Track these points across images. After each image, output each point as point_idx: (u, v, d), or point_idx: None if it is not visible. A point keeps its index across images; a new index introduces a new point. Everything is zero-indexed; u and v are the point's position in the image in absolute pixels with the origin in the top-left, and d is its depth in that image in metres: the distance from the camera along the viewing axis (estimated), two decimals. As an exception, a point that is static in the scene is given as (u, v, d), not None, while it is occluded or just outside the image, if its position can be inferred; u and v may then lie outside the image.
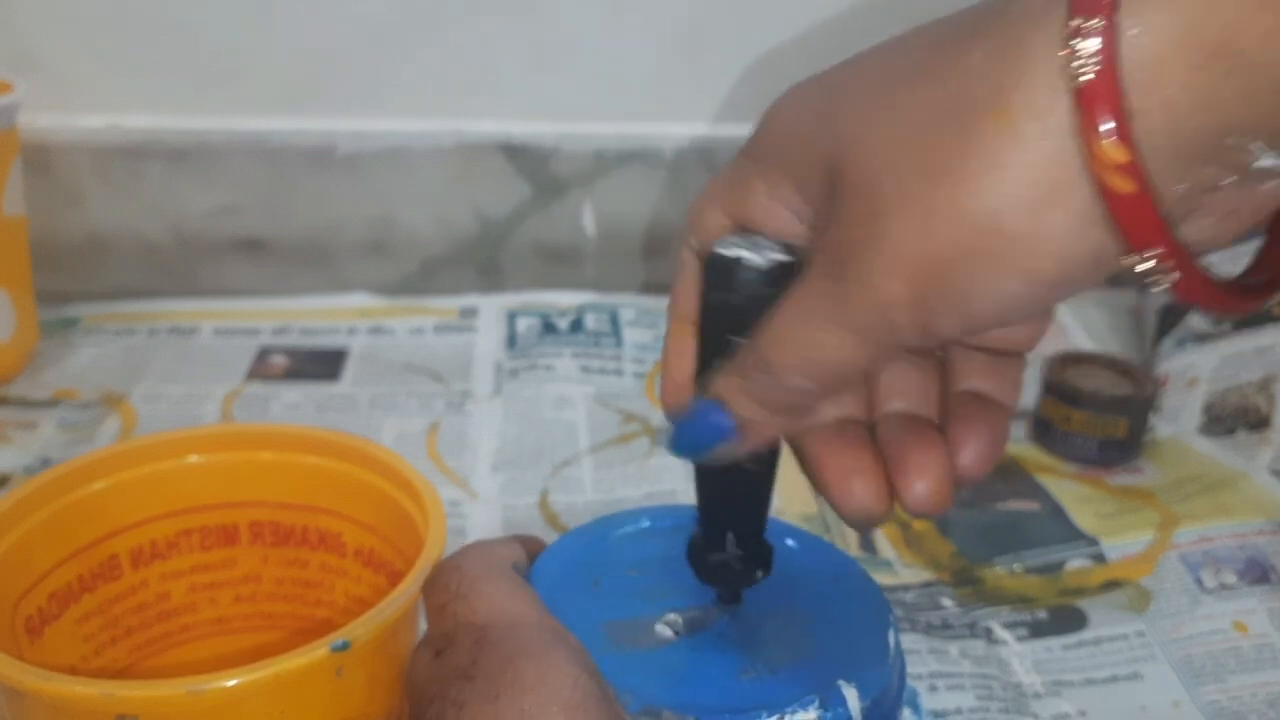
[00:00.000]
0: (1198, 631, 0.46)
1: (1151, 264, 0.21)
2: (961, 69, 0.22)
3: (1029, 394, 0.62)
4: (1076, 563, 0.50)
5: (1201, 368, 0.62)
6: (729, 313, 0.28)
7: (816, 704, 0.29)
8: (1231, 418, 0.59)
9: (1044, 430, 0.59)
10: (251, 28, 0.69)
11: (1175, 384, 0.63)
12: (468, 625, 0.29)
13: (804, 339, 0.26)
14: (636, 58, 0.72)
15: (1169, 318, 0.66)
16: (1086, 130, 0.20)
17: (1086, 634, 0.47)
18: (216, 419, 0.60)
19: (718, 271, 0.28)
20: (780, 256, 0.27)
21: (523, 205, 0.75)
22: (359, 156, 0.72)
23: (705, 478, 0.31)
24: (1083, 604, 0.48)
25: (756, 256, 0.27)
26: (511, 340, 0.69)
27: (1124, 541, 0.51)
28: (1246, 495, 0.54)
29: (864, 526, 0.29)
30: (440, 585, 0.31)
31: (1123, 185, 0.20)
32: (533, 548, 0.34)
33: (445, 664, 0.28)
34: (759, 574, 0.31)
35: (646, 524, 0.36)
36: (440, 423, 0.61)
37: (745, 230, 0.28)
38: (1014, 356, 0.29)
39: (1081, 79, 0.20)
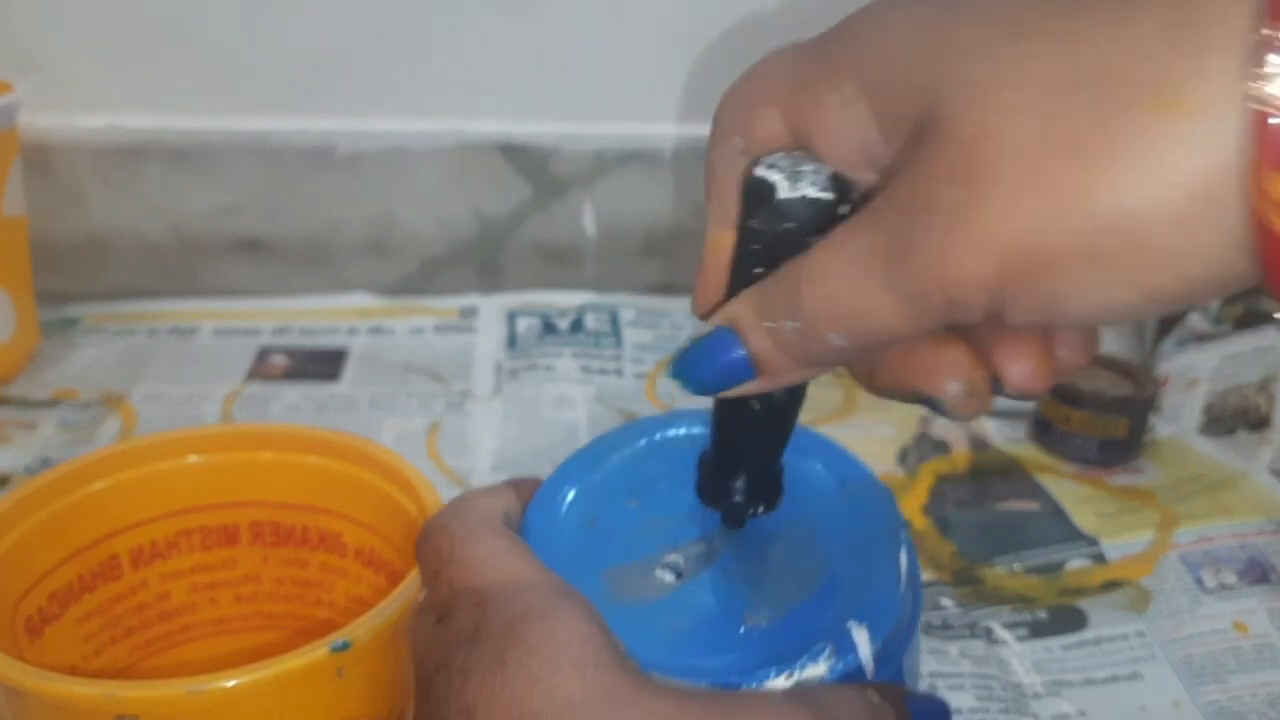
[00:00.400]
0: (1198, 631, 0.46)
1: None
2: (1120, 38, 0.19)
3: (1029, 394, 0.62)
4: (1076, 563, 0.50)
5: (1201, 368, 0.62)
6: (759, 239, 0.25)
7: (826, 653, 0.27)
8: (1231, 418, 0.59)
9: (1044, 430, 0.59)
10: (251, 28, 0.69)
11: (1175, 384, 0.63)
12: (465, 590, 0.28)
13: (846, 294, 0.23)
14: (636, 58, 0.71)
15: (1169, 318, 0.66)
16: (1261, 162, 0.18)
17: (1086, 634, 0.47)
18: (216, 419, 0.60)
19: (752, 194, 0.25)
20: (825, 195, 0.24)
21: (523, 205, 0.75)
22: (359, 156, 0.72)
23: (722, 407, 0.29)
24: (1083, 604, 0.48)
25: (796, 190, 0.24)
26: (512, 340, 0.69)
27: (1124, 541, 0.51)
28: (1246, 495, 0.54)
29: (965, 418, 0.25)
30: (431, 550, 0.29)
31: None
32: (526, 490, 0.32)
33: (448, 631, 0.27)
34: (762, 509, 0.30)
35: (642, 442, 0.34)
36: (440, 423, 0.61)
37: (797, 148, 0.25)
38: None
39: (1269, 103, 0.18)
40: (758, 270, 0.25)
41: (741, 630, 0.28)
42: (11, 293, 0.61)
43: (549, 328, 0.70)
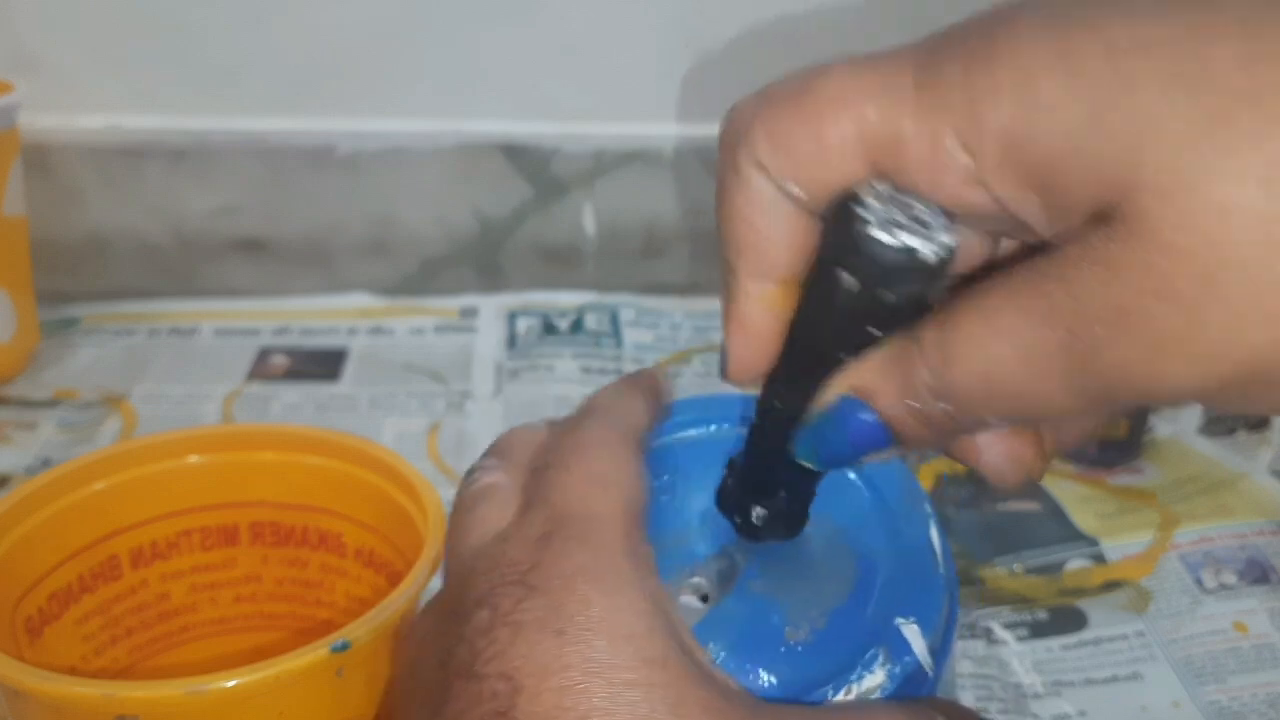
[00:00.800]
0: (1198, 632, 0.46)
1: None
2: None
3: (1029, 394, 0.62)
4: (1076, 563, 0.50)
5: (1201, 368, 0.62)
6: (870, 302, 0.21)
7: (880, 659, 0.25)
8: (1231, 418, 0.59)
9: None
10: (251, 28, 0.69)
11: (1175, 384, 0.63)
12: (544, 503, 0.24)
13: (1012, 384, 0.19)
14: (636, 58, 0.71)
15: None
16: None
17: (1086, 634, 0.47)
18: (217, 419, 0.60)
19: (870, 260, 0.20)
20: (949, 240, 0.20)
21: (523, 205, 0.75)
22: (359, 156, 0.72)
23: (772, 439, 0.24)
24: (1083, 604, 0.48)
25: (927, 245, 0.20)
26: (512, 340, 0.69)
27: (1124, 542, 0.51)
28: (1246, 496, 0.54)
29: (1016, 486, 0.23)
30: (544, 448, 0.26)
31: None
32: (650, 383, 0.29)
33: (504, 551, 0.23)
34: (784, 533, 0.26)
35: (674, 434, 0.30)
36: (440, 423, 0.61)
37: (883, 181, 0.20)
38: None
39: None
40: (874, 333, 0.21)
41: (783, 649, 0.25)
42: (12, 293, 0.61)
43: (549, 328, 0.70)
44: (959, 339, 0.19)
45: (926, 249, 0.19)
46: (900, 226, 0.20)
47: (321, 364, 0.66)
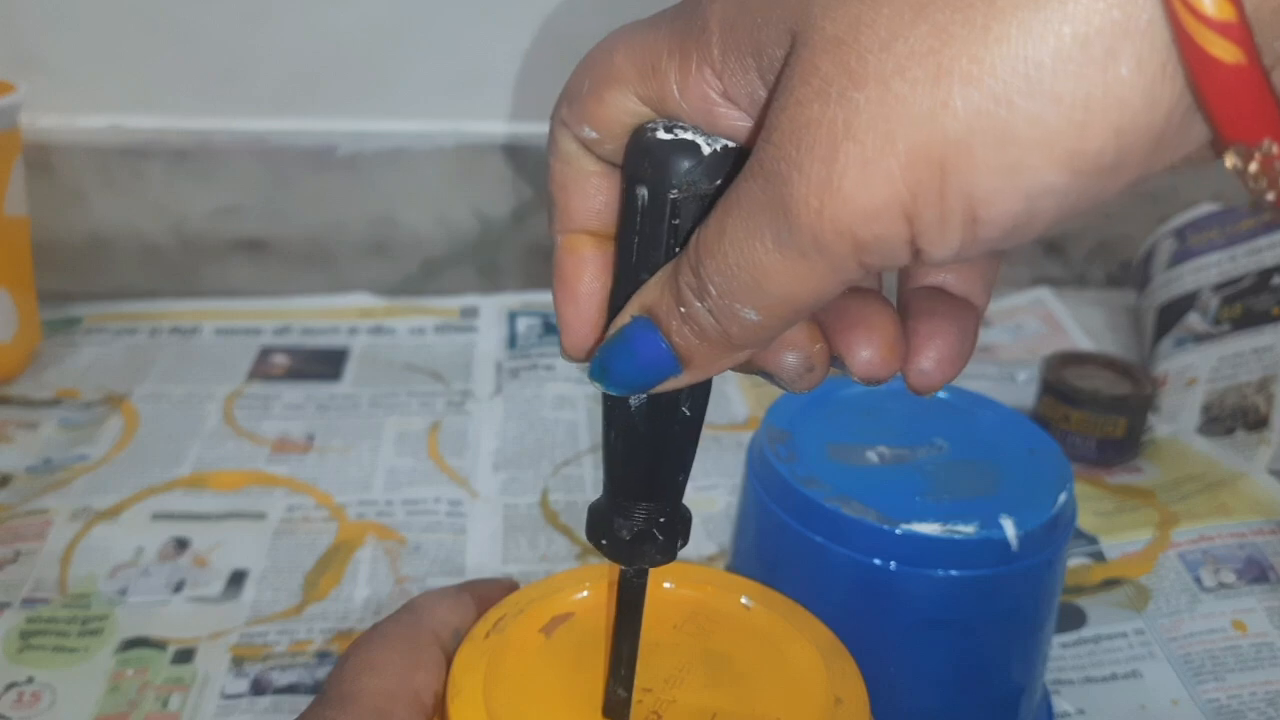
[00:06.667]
0: (1197, 630, 0.46)
1: (1254, 164, 0.16)
2: None
3: (1028, 394, 0.62)
4: (1076, 561, 0.50)
5: (1200, 368, 0.62)
6: (670, 214, 0.22)
7: (977, 524, 0.34)
8: (1230, 418, 0.60)
9: (1043, 429, 0.59)
10: (252, 28, 0.69)
11: (1174, 384, 0.63)
12: (328, 684, 0.29)
13: (743, 261, 0.20)
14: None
15: (1167, 318, 0.66)
16: None
17: (1086, 632, 0.47)
18: (218, 419, 0.60)
19: (656, 161, 0.22)
20: (731, 144, 0.22)
21: (523, 206, 0.75)
22: (360, 157, 0.72)
23: (621, 422, 0.25)
24: (1082, 602, 0.48)
25: (707, 141, 0.22)
26: (512, 340, 0.69)
27: (1123, 540, 0.51)
28: (1245, 495, 0.54)
29: (800, 392, 0.24)
30: (356, 642, 0.30)
31: (1225, 53, 0.15)
32: (490, 593, 0.33)
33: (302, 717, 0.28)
34: (679, 545, 0.27)
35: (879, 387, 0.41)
36: (441, 422, 0.61)
37: (670, 120, 0.22)
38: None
39: None
40: (678, 250, 0.23)
41: (917, 498, 0.36)
42: (13, 292, 0.61)
43: (549, 327, 0.70)
44: (704, 230, 0.21)
45: (702, 140, 0.22)
46: (681, 129, 0.22)
47: (322, 364, 0.66)
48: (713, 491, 0.55)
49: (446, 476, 0.56)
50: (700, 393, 0.25)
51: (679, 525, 0.27)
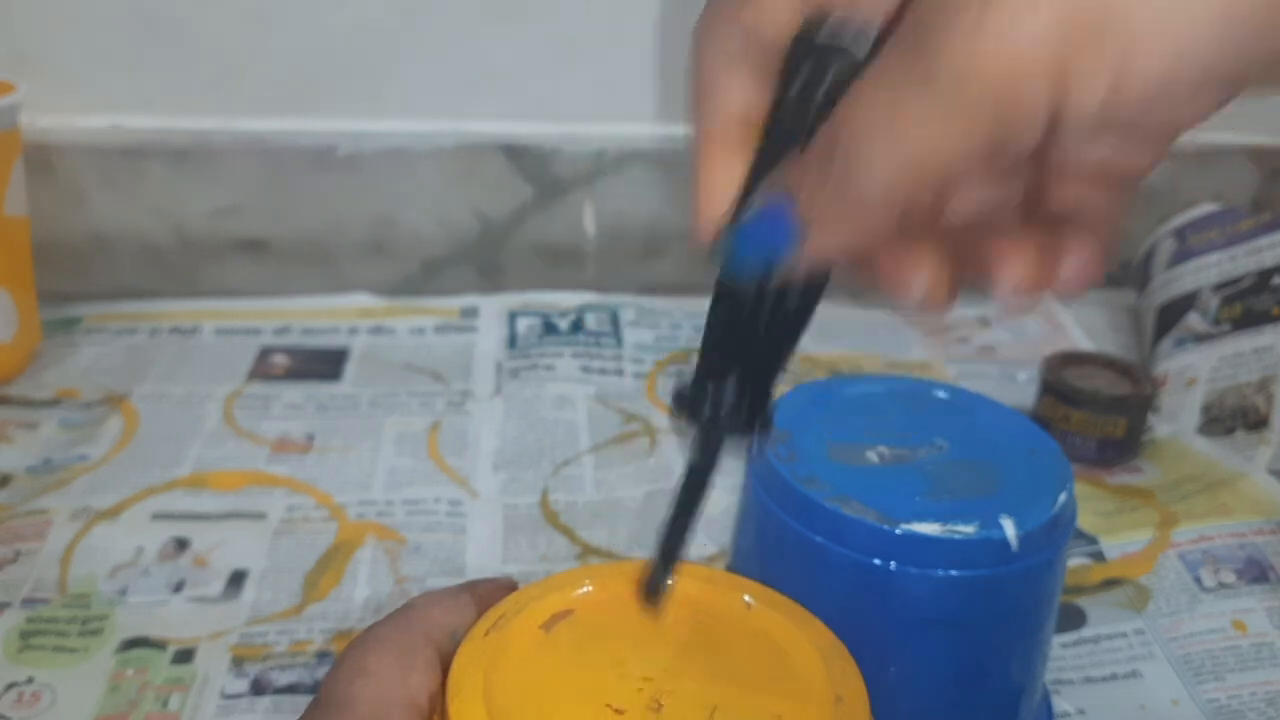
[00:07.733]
0: (1197, 630, 0.46)
1: None
2: None
3: (1028, 394, 0.62)
4: (1076, 561, 0.50)
5: (1200, 368, 0.62)
6: (818, 106, 0.23)
7: (978, 524, 0.35)
8: (1230, 418, 0.60)
9: (1043, 429, 0.59)
10: (252, 28, 0.69)
11: (1174, 384, 0.63)
12: (322, 689, 0.29)
13: (884, 116, 0.20)
14: (636, 58, 0.72)
15: (1167, 318, 0.66)
16: None
17: (1086, 632, 0.47)
18: (218, 419, 0.60)
19: (812, 56, 0.23)
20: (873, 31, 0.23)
21: (523, 206, 0.75)
22: (359, 157, 0.72)
23: (731, 303, 0.28)
24: (1082, 602, 0.48)
25: (863, 38, 0.23)
26: (512, 340, 0.69)
27: (1123, 540, 0.51)
28: (1245, 495, 0.54)
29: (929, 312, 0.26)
30: (349, 646, 0.30)
31: None
32: (488, 591, 0.33)
33: None
34: (758, 426, 0.29)
35: (881, 388, 0.42)
36: (441, 422, 0.61)
37: (824, 17, 0.23)
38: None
39: None
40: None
41: (917, 498, 0.36)
42: (13, 292, 0.61)
43: (549, 328, 0.70)
44: (848, 96, 0.21)
45: (859, 37, 0.23)
46: (840, 28, 0.23)
47: (322, 363, 0.66)
48: (713, 491, 0.55)
49: (446, 476, 0.56)
50: (809, 297, 0.27)
51: (762, 402, 0.29)
